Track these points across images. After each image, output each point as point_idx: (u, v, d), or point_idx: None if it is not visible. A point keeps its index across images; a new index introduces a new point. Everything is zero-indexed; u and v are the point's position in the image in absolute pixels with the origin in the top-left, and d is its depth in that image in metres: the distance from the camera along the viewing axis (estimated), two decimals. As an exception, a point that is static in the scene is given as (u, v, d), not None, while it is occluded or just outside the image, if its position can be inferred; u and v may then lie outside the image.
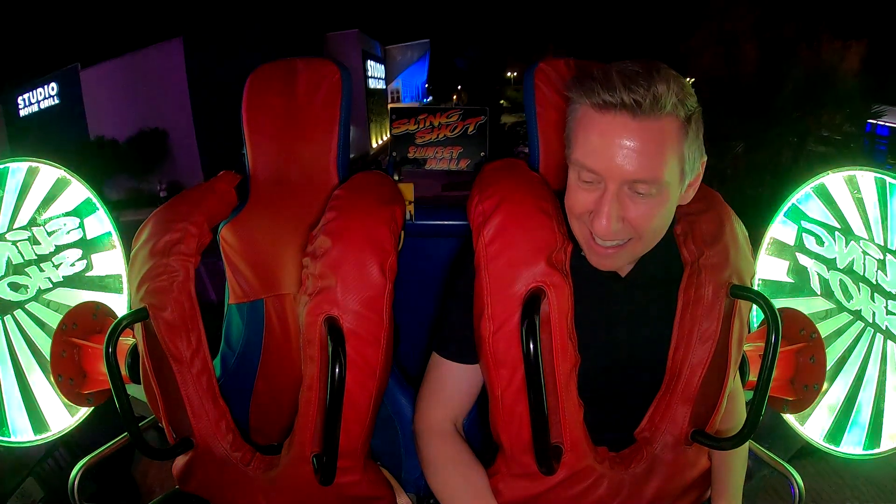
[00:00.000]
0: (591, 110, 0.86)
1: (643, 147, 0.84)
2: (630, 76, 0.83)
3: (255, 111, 1.20)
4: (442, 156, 1.41)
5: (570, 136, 0.92)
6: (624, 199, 0.88)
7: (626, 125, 0.84)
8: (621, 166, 0.85)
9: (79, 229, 1.36)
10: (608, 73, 0.85)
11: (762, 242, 1.39)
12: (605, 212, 0.88)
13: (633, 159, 0.85)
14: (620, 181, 0.87)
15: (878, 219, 1.25)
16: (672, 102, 0.84)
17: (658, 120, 0.84)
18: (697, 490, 1.08)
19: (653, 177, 0.86)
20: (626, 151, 0.85)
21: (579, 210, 0.92)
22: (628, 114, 0.84)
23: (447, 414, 1.06)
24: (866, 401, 1.28)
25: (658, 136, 0.85)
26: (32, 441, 1.35)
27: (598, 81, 0.85)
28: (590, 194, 0.90)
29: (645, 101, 0.82)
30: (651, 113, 0.83)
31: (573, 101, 0.90)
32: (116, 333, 0.98)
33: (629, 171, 0.86)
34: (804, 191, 1.34)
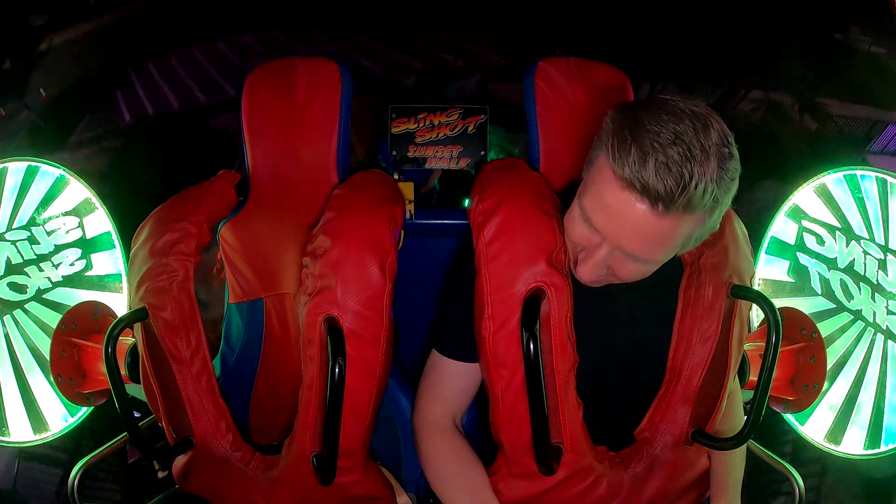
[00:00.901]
0: (613, 176, 0.79)
1: (654, 238, 0.81)
2: (668, 164, 0.74)
3: (255, 111, 1.20)
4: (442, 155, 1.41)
5: (587, 179, 0.86)
6: (616, 257, 0.87)
7: (644, 216, 0.78)
8: (624, 244, 0.83)
9: (78, 229, 1.36)
10: (645, 140, 0.75)
11: (762, 242, 1.39)
12: (590, 267, 0.88)
13: (637, 243, 0.82)
14: (617, 249, 0.85)
15: (879, 218, 1.25)
16: (705, 199, 0.76)
17: (681, 218, 0.78)
18: (697, 490, 1.08)
19: (650, 259, 0.85)
20: (633, 234, 0.81)
21: (572, 239, 0.92)
22: (651, 207, 0.77)
23: (446, 410, 1.06)
24: (866, 401, 1.28)
25: (673, 231, 0.80)
26: (32, 441, 1.36)
27: (630, 148, 0.76)
28: (586, 236, 0.88)
29: (674, 197, 0.75)
30: (676, 211, 0.77)
31: (604, 148, 0.81)
32: (116, 333, 0.98)
33: (628, 248, 0.83)
34: (805, 190, 1.34)
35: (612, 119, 0.82)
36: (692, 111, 0.78)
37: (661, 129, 0.76)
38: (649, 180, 0.75)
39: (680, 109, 0.78)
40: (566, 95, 1.16)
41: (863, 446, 1.28)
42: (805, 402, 1.17)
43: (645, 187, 0.75)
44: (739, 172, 0.80)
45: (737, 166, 0.79)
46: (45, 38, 3.07)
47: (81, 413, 1.36)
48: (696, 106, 0.79)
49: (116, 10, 3.47)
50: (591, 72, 1.17)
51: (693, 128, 0.76)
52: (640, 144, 0.76)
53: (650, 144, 0.76)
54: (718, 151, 0.76)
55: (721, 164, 0.76)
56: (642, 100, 0.85)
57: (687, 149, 0.75)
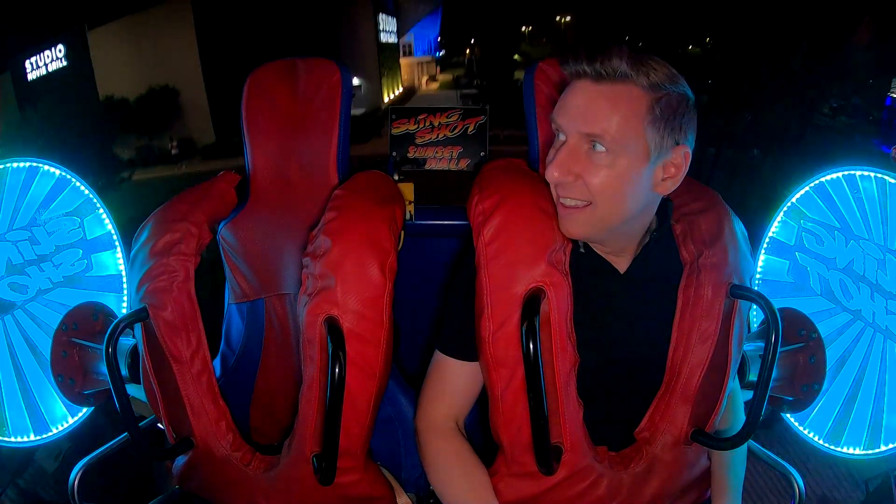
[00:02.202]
0: (568, 78, 0.95)
1: (596, 103, 0.90)
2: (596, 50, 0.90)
3: (255, 111, 1.20)
4: (442, 155, 1.41)
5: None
6: (581, 157, 0.91)
7: (586, 87, 0.91)
8: (574, 118, 0.91)
9: (79, 229, 1.36)
10: (580, 48, 0.92)
11: (762, 242, 1.39)
12: (557, 161, 0.92)
13: (584, 112, 0.90)
14: (575, 133, 0.91)
15: (878, 218, 1.25)
16: (632, 73, 0.89)
17: (615, 84, 0.89)
18: (697, 490, 1.08)
19: (602, 130, 0.88)
20: (581, 107, 0.91)
21: (550, 168, 0.95)
22: (590, 79, 0.91)
23: (449, 412, 1.06)
24: (866, 401, 1.28)
25: (612, 98, 0.89)
26: (32, 441, 1.36)
27: (571, 56, 0.92)
28: (557, 145, 0.94)
29: (604, 68, 0.89)
30: (610, 78, 0.89)
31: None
32: (116, 333, 0.98)
33: (579, 124, 0.90)
34: (804, 190, 1.34)
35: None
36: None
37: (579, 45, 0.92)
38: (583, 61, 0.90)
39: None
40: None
41: (863, 446, 1.28)
42: (805, 402, 1.17)
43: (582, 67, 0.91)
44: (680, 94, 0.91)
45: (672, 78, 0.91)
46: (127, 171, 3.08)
47: (81, 413, 1.36)
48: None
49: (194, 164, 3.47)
50: None
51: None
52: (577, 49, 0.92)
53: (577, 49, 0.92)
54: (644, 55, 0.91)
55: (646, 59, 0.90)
56: None
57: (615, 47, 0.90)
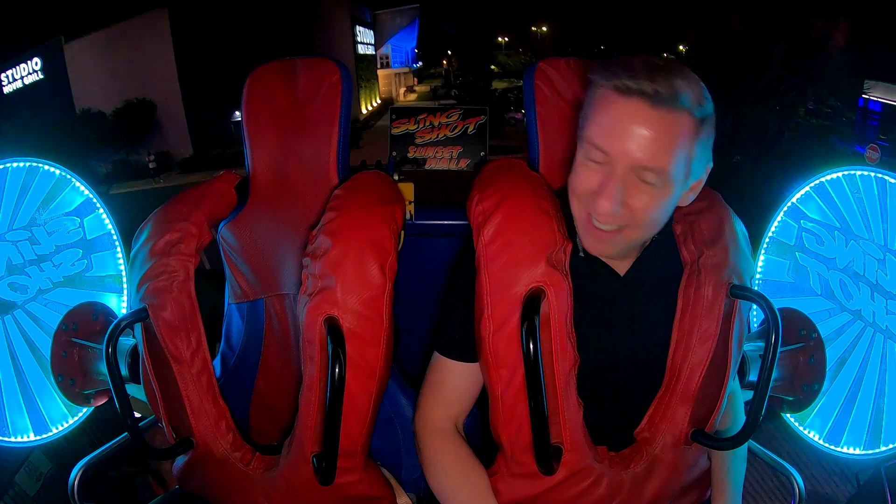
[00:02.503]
0: (612, 92, 0.87)
1: (656, 136, 0.86)
2: (653, 67, 0.85)
3: (255, 111, 1.20)
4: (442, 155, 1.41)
5: (587, 115, 0.92)
6: (629, 185, 0.89)
7: (643, 111, 0.85)
8: (632, 151, 0.87)
9: (79, 229, 1.36)
10: (632, 61, 0.87)
11: (762, 242, 1.39)
12: (608, 193, 0.89)
13: (644, 146, 0.86)
14: (629, 165, 0.88)
15: (878, 218, 1.25)
16: (689, 99, 0.85)
17: (673, 113, 0.85)
18: (697, 490, 1.08)
19: (661, 166, 0.87)
20: (639, 137, 0.86)
21: (582, 189, 0.93)
22: (647, 101, 0.85)
23: (448, 413, 1.06)
24: (866, 401, 1.28)
25: (672, 129, 0.86)
26: (32, 441, 1.36)
27: (621, 66, 0.86)
28: (595, 175, 0.91)
29: (664, 91, 0.84)
30: (668, 104, 0.85)
31: (594, 84, 0.91)
32: (116, 333, 0.98)
33: (639, 157, 0.87)
34: (804, 190, 1.34)
35: (596, 64, 0.92)
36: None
37: (642, 56, 0.88)
38: (640, 78, 0.84)
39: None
40: (566, 96, 1.16)
41: (863, 446, 1.28)
42: (805, 402, 1.17)
43: (639, 87, 0.84)
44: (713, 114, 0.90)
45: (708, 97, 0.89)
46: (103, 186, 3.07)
47: (81, 413, 1.36)
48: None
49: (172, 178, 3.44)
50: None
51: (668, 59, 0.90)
52: (627, 60, 0.87)
53: (634, 60, 0.87)
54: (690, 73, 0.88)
55: (696, 80, 0.87)
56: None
57: (667, 63, 0.87)
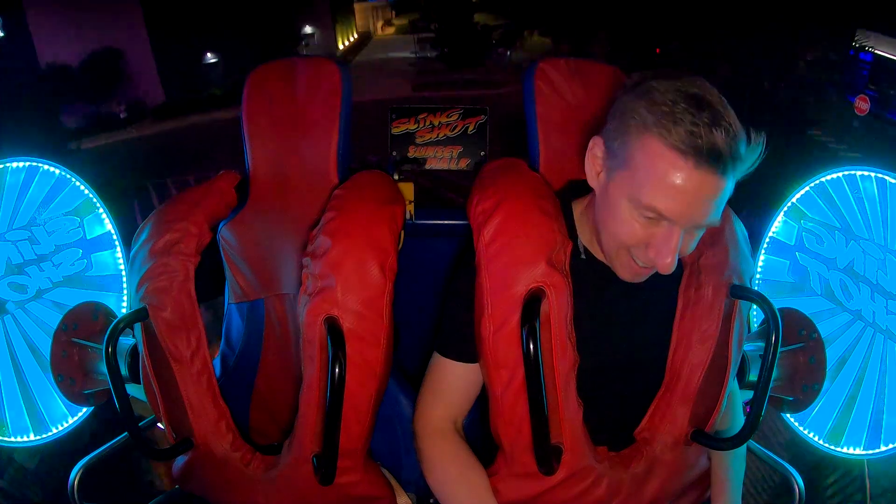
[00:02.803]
0: (678, 157, 0.80)
1: (720, 200, 0.83)
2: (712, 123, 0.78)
3: (255, 111, 1.20)
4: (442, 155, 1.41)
5: (633, 167, 0.85)
6: (684, 236, 0.87)
7: (713, 182, 0.81)
8: (697, 217, 0.84)
9: (78, 229, 1.36)
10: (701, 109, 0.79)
11: (762, 242, 1.39)
12: (671, 252, 0.86)
13: (708, 211, 0.84)
14: (691, 226, 0.86)
15: (879, 218, 1.25)
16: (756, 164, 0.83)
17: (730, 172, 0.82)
18: (697, 490, 1.08)
19: (716, 221, 0.86)
20: (706, 205, 0.83)
21: (632, 242, 0.89)
22: (717, 173, 0.80)
23: (447, 413, 1.06)
24: (866, 401, 1.28)
25: (728, 187, 0.84)
26: (32, 441, 1.35)
27: (675, 119, 0.79)
28: (647, 229, 0.87)
29: (734, 163, 0.80)
30: (733, 174, 0.82)
31: (646, 130, 0.82)
32: (116, 333, 0.98)
33: (702, 221, 0.85)
34: (804, 190, 1.33)
35: (635, 105, 0.84)
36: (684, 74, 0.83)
37: (681, 98, 0.80)
38: (709, 141, 0.78)
39: (675, 76, 0.83)
40: (566, 95, 1.16)
41: (863, 446, 1.28)
42: (805, 402, 1.17)
43: (709, 150, 0.78)
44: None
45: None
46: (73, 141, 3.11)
47: (81, 413, 1.36)
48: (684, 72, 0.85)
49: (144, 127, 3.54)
50: (591, 72, 1.18)
51: (699, 87, 0.81)
52: (683, 114, 0.79)
53: (690, 113, 0.79)
54: (725, 101, 0.82)
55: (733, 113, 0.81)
56: (637, 80, 0.87)
57: (712, 108, 0.79)
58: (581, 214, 1.03)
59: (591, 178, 0.94)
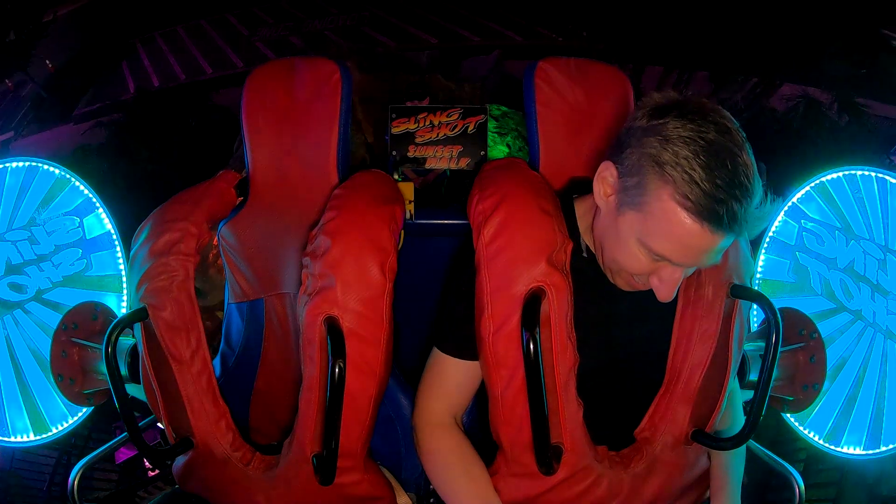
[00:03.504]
0: (690, 216, 0.80)
1: (722, 249, 0.85)
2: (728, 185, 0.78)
3: (255, 111, 1.20)
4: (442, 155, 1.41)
5: (646, 213, 0.84)
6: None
7: (719, 238, 0.82)
8: (703, 264, 0.87)
9: (78, 229, 1.36)
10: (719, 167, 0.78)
11: (762, 242, 1.39)
12: (674, 287, 0.89)
13: (715, 258, 0.86)
14: (693, 267, 0.89)
15: (879, 218, 1.25)
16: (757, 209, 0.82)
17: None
18: (697, 490, 1.08)
19: (717, 262, 0.88)
20: (714, 255, 0.85)
21: (634, 271, 0.90)
22: (723, 228, 0.80)
23: (447, 408, 1.06)
24: (866, 401, 1.28)
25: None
26: (32, 441, 1.36)
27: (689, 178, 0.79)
28: (653, 264, 0.88)
29: (743, 215, 0.80)
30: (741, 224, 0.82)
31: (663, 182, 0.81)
32: (116, 333, 0.98)
33: (706, 265, 0.88)
34: (805, 190, 1.34)
35: (649, 145, 0.83)
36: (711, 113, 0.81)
37: (702, 150, 0.79)
38: (727, 209, 0.78)
39: (697, 108, 0.81)
40: (566, 95, 1.16)
41: (863, 446, 1.28)
42: (805, 402, 1.17)
43: (727, 216, 0.79)
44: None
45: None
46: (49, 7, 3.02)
47: (81, 413, 1.36)
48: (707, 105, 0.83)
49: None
50: (592, 72, 1.17)
51: (721, 133, 0.80)
52: (700, 174, 0.78)
53: (707, 169, 0.78)
54: (746, 143, 0.81)
55: (751, 153, 0.81)
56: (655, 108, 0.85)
57: (734, 162, 0.79)
58: (583, 214, 1.03)
59: (598, 197, 0.92)
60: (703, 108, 0.82)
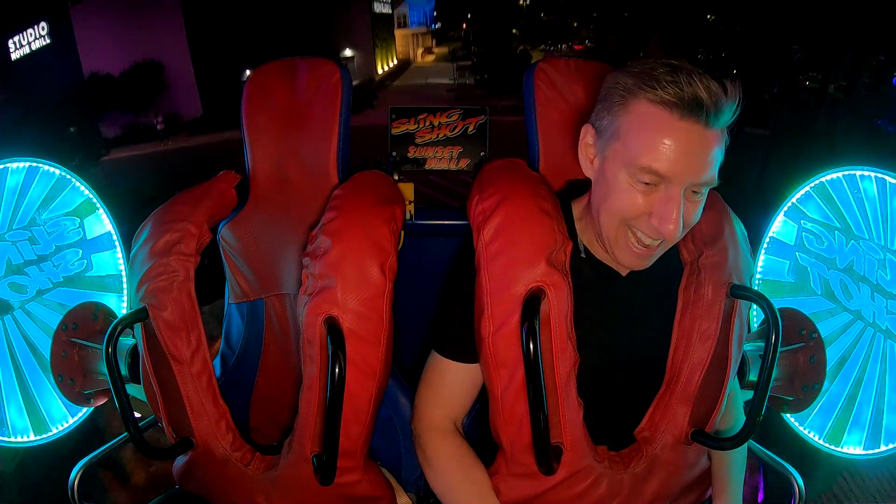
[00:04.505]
0: (663, 111, 0.83)
1: (711, 154, 0.85)
2: (703, 81, 0.81)
3: (255, 111, 1.20)
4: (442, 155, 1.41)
5: (625, 133, 0.88)
6: (685, 202, 0.88)
7: (700, 133, 0.83)
8: (692, 173, 0.85)
9: (78, 229, 1.36)
10: (676, 72, 0.82)
11: (762, 242, 1.39)
12: (674, 215, 0.87)
13: (701, 166, 0.85)
14: (688, 185, 0.87)
15: (879, 218, 1.25)
16: (733, 116, 0.84)
17: (721, 129, 0.85)
18: (697, 490, 1.08)
19: (713, 178, 0.87)
20: (698, 158, 0.84)
21: (633, 213, 0.90)
22: (703, 123, 0.82)
23: (447, 412, 1.06)
24: (866, 401, 1.28)
25: (718, 143, 0.85)
26: (32, 441, 1.36)
27: (667, 79, 0.82)
28: (647, 196, 0.88)
29: (718, 111, 0.82)
30: (720, 124, 0.84)
31: (630, 95, 0.86)
32: (116, 333, 0.98)
33: (697, 177, 0.86)
34: (804, 190, 1.34)
35: (616, 78, 0.88)
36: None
37: (659, 64, 0.84)
38: (690, 91, 0.81)
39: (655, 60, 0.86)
40: (566, 95, 1.16)
41: (863, 446, 1.28)
42: (805, 402, 1.17)
43: (694, 100, 0.81)
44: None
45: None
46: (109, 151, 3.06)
47: (81, 413, 1.36)
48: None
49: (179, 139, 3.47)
50: (591, 72, 1.18)
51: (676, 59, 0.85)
52: (662, 73, 0.83)
53: (668, 72, 0.83)
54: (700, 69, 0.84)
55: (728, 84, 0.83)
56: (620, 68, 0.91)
57: (688, 68, 0.83)
58: (581, 213, 1.03)
59: (585, 168, 0.95)
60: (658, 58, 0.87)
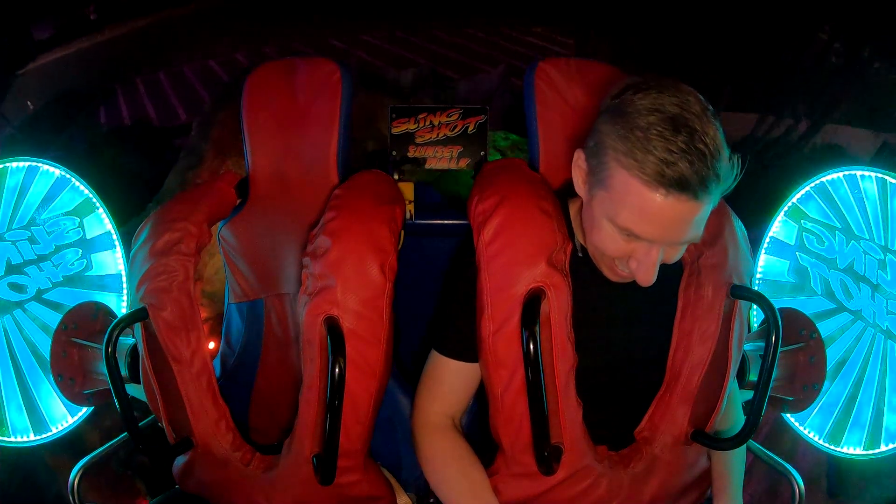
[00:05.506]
0: (647, 189, 0.80)
1: (699, 218, 0.83)
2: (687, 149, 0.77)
3: (255, 110, 1.20)
4: (442, 155, 1.41)
5: (609, 188, 0.84)
6: (665, 250, 0.87)
7: (686, 205, 0.80)
8: (675, 237, 0.84)
9: (78, 229, 1.36)
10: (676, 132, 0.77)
11: (762, 242, 1.39)
12: (651, 268, 0.86)
13: (687, 230, 0.83)
14: (669, 244, 0.86)
15: (879, 218, 1.25)
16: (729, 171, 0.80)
17: (713, 192, 0.81)
18: (697, 490, 1.08)
19: (696, 237, 0.86)
20: (683, 226, 0.83)
21: (615, 254, 0.89)
22: (693, 197, 0.79)
23: (445, 410, 1.06)
24: (866, 401, 1.28)
25: (710, 206, 0.83)
26: (32, 441, 1.36)
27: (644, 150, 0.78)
28: (628, 244, 0.87)
29: (710, 186, 0.79)
30: (713, 195, 0.81)
31: (618, 163, 0.82)
32: (116, 333, 0.98)
33: (680, 240, 0.85)
34: (805, 190, 1.34)
35: (613, 129, 0.83)
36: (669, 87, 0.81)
37: (658, 121, 0.79)
38: (676, 171, 0.77)
39: (657, 90, 0.81)
40: (566, 95, 1.16)
41: (863, 446, 1.28)
42: (805, 402, 1.17)
43: (677, 180, 0.77)
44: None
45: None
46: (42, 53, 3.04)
47: (81, 413, 1.36)
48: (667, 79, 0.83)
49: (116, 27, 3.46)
50: (591, 72, 1.17)
51: (681, 105, 0.79)
52: (656, 141, 0.78)
53: (661, 138, 0.78)
54: (708, 113, 0.80)
55: (716, 123, 0.80)
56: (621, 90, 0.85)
57: (689, 129, 0.78)
58: (576, 214, 1.03)
59: (577, 186, 0.94)
60: (662, 83, 0.82)
